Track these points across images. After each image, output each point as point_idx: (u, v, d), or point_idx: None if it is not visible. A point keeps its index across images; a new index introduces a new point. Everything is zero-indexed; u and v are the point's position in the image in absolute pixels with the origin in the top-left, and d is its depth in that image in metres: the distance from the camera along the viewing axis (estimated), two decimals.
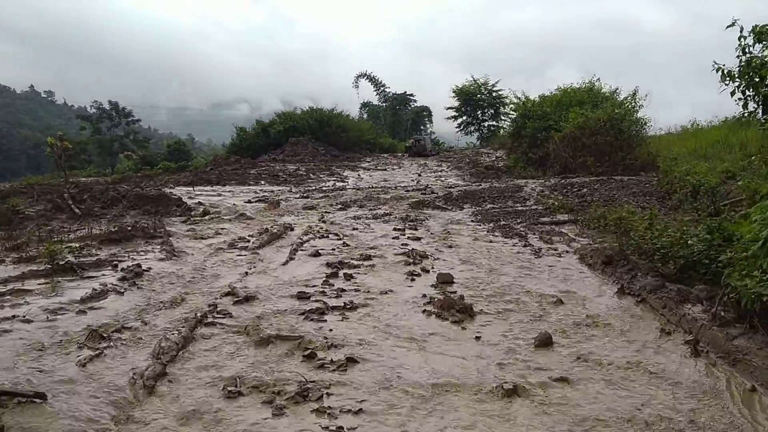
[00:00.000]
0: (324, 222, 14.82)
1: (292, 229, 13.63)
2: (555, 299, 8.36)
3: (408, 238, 12.92)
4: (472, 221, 15.38)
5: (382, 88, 70.55)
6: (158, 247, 11.20)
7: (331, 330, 6.82)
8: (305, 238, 12.48)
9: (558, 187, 20.47)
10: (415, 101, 71.38)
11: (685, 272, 9.03)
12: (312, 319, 7.18)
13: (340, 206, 17.48)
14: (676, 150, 25.50)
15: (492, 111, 55.12)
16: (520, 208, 17.11)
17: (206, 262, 10.28)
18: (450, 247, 12.09)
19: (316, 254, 10.97)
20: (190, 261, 10.28)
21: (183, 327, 6.64)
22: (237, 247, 11.50)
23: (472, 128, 56.26)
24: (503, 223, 15.09)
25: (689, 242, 9.01)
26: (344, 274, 9.45)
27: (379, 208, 17.22)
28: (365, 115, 68.88)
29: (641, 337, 6.96)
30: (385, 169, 32.40)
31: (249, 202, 18.00)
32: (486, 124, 56.02)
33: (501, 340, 6.79)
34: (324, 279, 9.15)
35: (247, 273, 9.50)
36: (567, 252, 11.74)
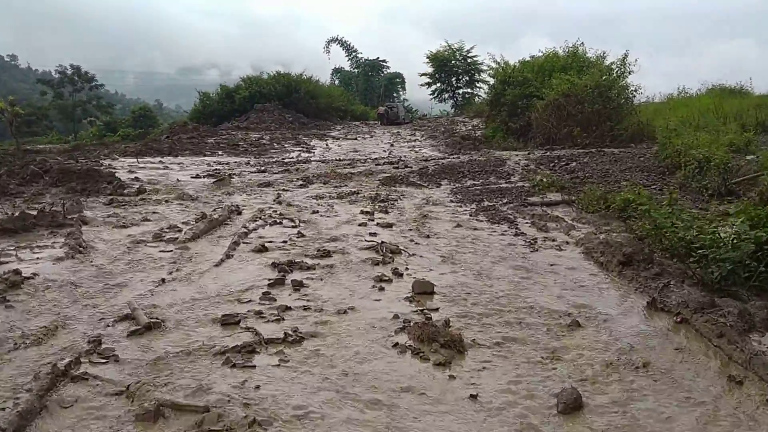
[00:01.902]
0: (280, 203, 12.45)
1: (239, 213, 11.24)
2: (569, 320, 6.18)
3: (377, 224, 10.64)
4: (452, 202, 13.14)
5: (354, 54, 67.46)
6: (63, 239, 8.77)
7: (258, 388, 4.53)
8: (252, 225, 10.12)
9: (544, 160, 18.29)
10: (388, 67, 68.51)
11: (729, 279, 6.93)
12: (234, 365, 4.89)
13: (301, 182, 15.10)
14: (663, 120, 23.52)
15: (467, 78, 52.61)
16: (504, 186, 14.90)
17: (117, 262, 7.89)
18: (427, 237, 9.85)
19: (262, 249, 8.64)
20: (96, 261, 7.88)
21: (32, 386, 4.31)
22: (164, 239, 9.10)
23: (447, 95, 53.74)
24: (487, 204, 12.88)
25: (739, 242, 6.89)
26: (293, 281, 7.14)
27: (346, 185, 14.88)
28: (337, 82, 65.87)
29: (702, 389, 4.81)
30: (356, 139, 29.94)
31: (197, 177, 15.50)
32: (461, 91, 53.54)
33: (507, 399, 4.58)
34: (265, 290, 6.85)
35: (164, 280, 7.13)
36: (567, 243, 9.59)
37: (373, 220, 10.98)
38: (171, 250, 8.49)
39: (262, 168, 17.48)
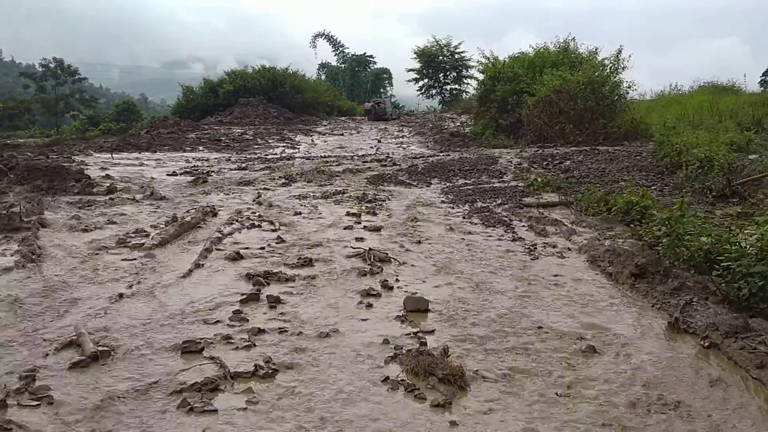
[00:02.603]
0: (260, 203, 11.54)
1: (214, 215, 10.33)
2: (583, 344, 5.38)
3: (364, 228, 9.79)
4: (443, 202, 12.31)
5: (340, 49, 66.29)
6: (17, 245, 7.84)
7: None
8: (227, 229, 9.22)
9: (537, 158, 17.49)
10: (374, 63, 67.42)
11: (759, 296, 6.16)
12: (192, 409, 4.03)
13: (283, 181, 14.18)
14: (656, 118, 22.83)
15: (454, 74, 51.64)
16: (497, 185, 14.09)
17: (72, 272, 6.97)
18: (419, 242, 9.00)
19: (236, 257, 7.75)
20: (48, 271, 6.97)
21: None
22: (129, 244, 8.18)
23: (434, 91, 52.76)
24: (481, 204, 12.06)
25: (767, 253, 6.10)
26: (269, 296, 6.26)
27: (331, 184, 13.99)
28: (323, 77, 64.72)
29: None
30: (342, 134, 28.99)
31: (173, 174, 14.53)
32: (448, 87, 52.61)
33: None
34: (236, 308, 5.98)
35: (121, 295, 6.23)
36: (570, 250, 8.80)
37: (360, 223, 10.13)
38: (135, 259, 7.57)
39: (243, 165, 16.53)
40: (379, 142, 25.70)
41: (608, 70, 22.31)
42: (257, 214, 10.53)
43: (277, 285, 6.76)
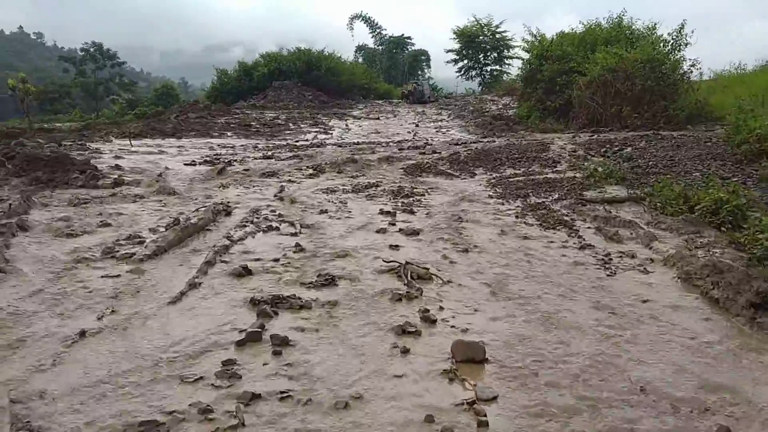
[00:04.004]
0: (281, 199, 10.01)
1: (228, 214, 8.84)
2: (713, 423, 3.68)
3: (400, 230, 8.17)
4: (491, 197, 10.60)
5: (378, 31, 64.33)
6: None
7: None
8: (239, 233, 7.69)
9: (593, 144, 15.57)
10: (412, 45, 65.35)
11: None
12: None
13: (311, 172, 12.62)
14: (720, 99, 20.57)
15: (495, 54, 49.37)
16: (551, 176, 12.30)
17: (34, 296, 5.50)
18: (466, 251, 7.33)
19: (243, 273, 6.21)
20: (5, 295, 5.52)
21: None
22: (117, 254, 6.71)
23: (474, 73, 50.57)
24: (535, 200, 10.34)
25: None
26: (274, 336, 4.69)
27: (363, 175, 12.39)
28: (360, 59, 62.92)
29: None
30: (378, 118, 27.31)
31: (192, 164, 13.09)
32: (489, 68, 50.35)
33: None
34: (229, 356, 4.42)
35: (84, 333, 4.72)
36: (652, 262, 7.04)
37: (394, 225, 8.52)
38: (119, 275, 6.09)
39: (270, 153, 15.00)
40: (417, 126, 24.00)
41: (669, 47, 20.07)
42: (277, 212, 8.99)
43: (288, 315, 5.20)
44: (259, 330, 4.78)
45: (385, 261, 6.54)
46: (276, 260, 6.69)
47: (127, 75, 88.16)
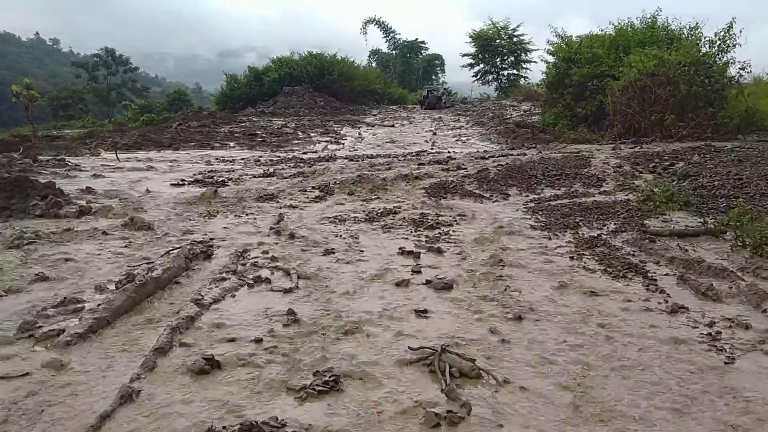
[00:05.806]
0: (278, 233, 8.01)
1: (208, 257, 6.86)
2: None
3: (426, 283, 6.15)
4: (533, 228, 8.56)
5: (392, 35, 62.57)
6: None
7: None
8: (214, 291, 5.69)
9: (639, 158, 13.48)
10: (426, 49, 63.47)
11: None
12: None
13: (317, 193, 10.63)
14: (765, 105, 18.37)
15: (512, 58, 47.33)
16: (599, 198, 10.26)
17: None
18: (519, 318, 5.26)
19: (206, 368, 4.20)
20: None
21: None
22: (36, 332, 4.73)
23: (490, 77, 48.54)
24: (588, 233, 8.28)
25: None
26: None
27: (379, 198, 10.39)
28: (374, 64, 61.09)
29: None
30: (393, 125, 25.33)
31: (180, 183, 11.13)
32: (506, 72, 48.29)
33: None
34: None
35: None
36: None
37: (419, 272, 6.51)
38: (25, 374, 4.11)
39: (272, 169, 13.01)
40: (435, 134, 22.01)
41: (716, 48, 17.88)
42: (269, 255, 6.99)
43: None
44: None
45: (411, 349, 4.51)
46: (258, 341, 4.68)
47: (141, 80, 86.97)
